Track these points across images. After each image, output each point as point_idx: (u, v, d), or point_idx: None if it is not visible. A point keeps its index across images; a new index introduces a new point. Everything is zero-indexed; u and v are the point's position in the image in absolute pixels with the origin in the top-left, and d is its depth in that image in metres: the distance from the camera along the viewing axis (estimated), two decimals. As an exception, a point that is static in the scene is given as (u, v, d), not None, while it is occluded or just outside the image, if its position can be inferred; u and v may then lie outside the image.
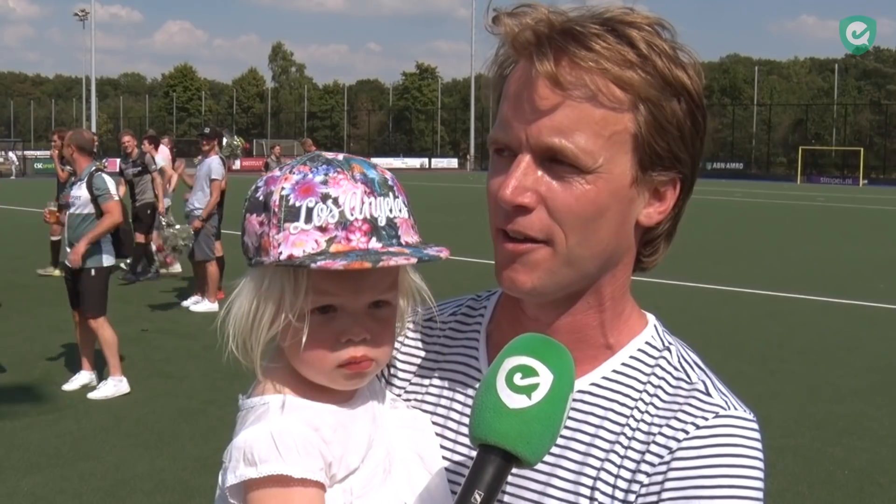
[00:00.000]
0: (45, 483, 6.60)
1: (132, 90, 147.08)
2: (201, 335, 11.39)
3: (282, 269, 1.24)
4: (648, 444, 1.26)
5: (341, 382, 1.30)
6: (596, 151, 1.22)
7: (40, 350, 10.68)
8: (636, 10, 1.27)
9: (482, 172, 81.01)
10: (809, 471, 6.95)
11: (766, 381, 9.36)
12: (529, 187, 1.23)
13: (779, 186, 62.44)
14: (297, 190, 1.24)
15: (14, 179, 54.66)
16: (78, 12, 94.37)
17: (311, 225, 1.22)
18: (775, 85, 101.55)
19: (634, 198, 1.28)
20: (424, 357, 1.48)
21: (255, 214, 1.26)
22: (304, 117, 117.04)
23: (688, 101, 1.26)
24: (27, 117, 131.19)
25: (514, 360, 1.18)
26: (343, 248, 1.21)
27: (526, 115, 1.23)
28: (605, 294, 1.34)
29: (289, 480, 1.21)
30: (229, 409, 7.33)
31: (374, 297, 1.28)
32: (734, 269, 18.33)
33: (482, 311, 1.51)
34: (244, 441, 1.24)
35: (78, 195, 9.10)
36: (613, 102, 1.21)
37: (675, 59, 1.25)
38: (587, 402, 1.33)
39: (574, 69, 1.21)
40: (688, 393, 1.30)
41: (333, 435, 1.26)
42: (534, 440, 1.14)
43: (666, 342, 1.38)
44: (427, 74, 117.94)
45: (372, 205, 1.24)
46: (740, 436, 1.25)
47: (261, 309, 1.27)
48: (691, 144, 1.29)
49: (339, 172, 1.25)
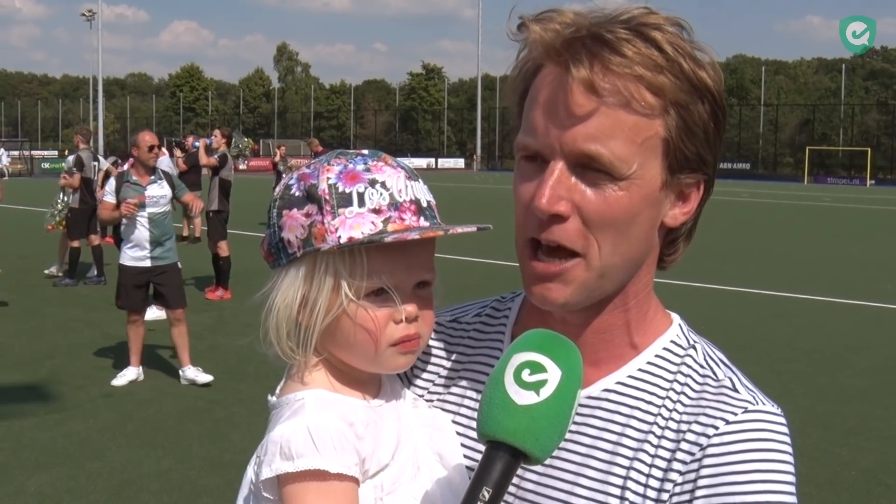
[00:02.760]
0: (52, 482, 6.62)
1: (139, 90, 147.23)
2: (208, 335, 11.41)
3: (336, 254, 1.27)
4: (678, 443, 1.26)
5: (392, 363, 1.33)
6: (630, 158, 1.21)
7: (48, 349, 10.71)
8: (654, 11, 1.26)
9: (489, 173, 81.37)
10: (816, 472, 6.94)
11: (773, 381, 9.34)
12: (564, 195, 1.22)
13: (785, 187, 62.33)
14: (343, 178, 1.28)
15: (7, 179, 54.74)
16: (85, 12, 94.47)
17: (365, 208, 1.26)
18: (782, 85, 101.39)
19: (662, 201, 1.28)
20: (448, 358, 1.48)
21: (297, 209, 1.29)
22: (310, 117, 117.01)
23: (710, 101, 1.25)
24: (34, 117, 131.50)
25: (523, 357, 1.17)
26: (399, 226, 1.27)
27: (560, 121, 1.22)
28: (630, 294, 1.34)
29: (325, 475, 1.22)
30: (236, 408, 7.36)
31: (422, 277, 1.32)
32: (741, 269, 18.30)
33: (507, 313, 1.50)
34: (280, 435, 1.25)
35: (162, 194, 9.46)
36: (646, 108, 1.20)
37: (697, 60, 1.24)
38: (613, 400, 1.32)
39: (607, 75, 1.19)
40: (715, 390, 1.29)
41: (366, 431, 1.28)
42: (542, 436, 1.14)
43: (691, 340, 1.38)
44: (433, 74, 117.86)
45: (414, 188, 1.31)
46: (770, 430, 1.24)
47: (315, 296, 1.30)
48: (715, 145, 1.29)
49: (377, 160, 1.31)
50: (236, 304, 13.67)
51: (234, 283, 15.01)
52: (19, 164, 66.36)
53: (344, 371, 1.35)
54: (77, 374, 9.57)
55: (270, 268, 1.36)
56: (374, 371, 1.36)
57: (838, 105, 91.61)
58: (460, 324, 1.52)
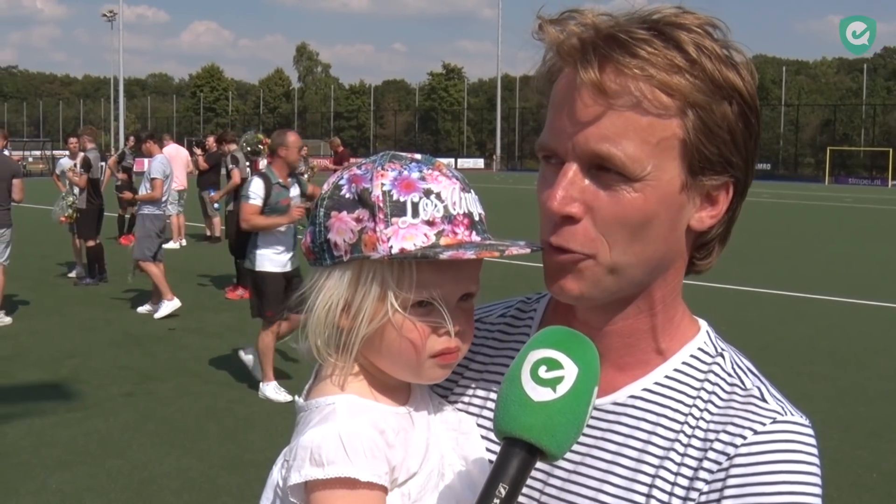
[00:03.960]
0: (73, 480, 6.65)
1: (159, 90, 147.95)
2: (228, 335, 11.44)
3: (384, 263, 1.25)
4: (706, 451, 1.25)
5: (430, 374, 1.32)
6: (644, 159, 1.20)
7: (68, 348, 10.77)
8: (686, 11, 1.24)
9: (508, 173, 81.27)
10: (837, 474, 6.90)
11: (793, 383, 9.29)
12: (577, 197, 1.22)
13: (806, 187, 62.03)
14: (397, 186, 1.26)
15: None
16: (106, 13, 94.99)
17: (419, 219, 1.25)
18: (803, 85, 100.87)
19: (684, 203, 1.26)
20: (472, 359, 1.47)
21: (347, 211, 1.27)
22: (330, 117, 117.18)
23: (739, 102, 1.24)
24: (56, 117, 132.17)
25: (539, 353, 1.17)
26: (451, 240, 1.25)
27: (572, 123, 1.22)
28: (657, 298, 1.33)
29: (355, 483, 1.20)
30: (255, 408, 7.38)
31: (468, 289, 1.31)
32: (761, 270, 18.21)
33: (532, 314, 1.50)
34: (311, 441, 1.23)
35: (297, 193, 9.10)
36: (659, 109, 1.19)
37: (726, 61, 1.23)
38: (639, 407, 1.32)
39: (619, 76, 1.19)
40: (743, 399, 1.28)
41: (396, 438, 1.26)
42: (559, 433, 1.14)
43: (718, 348, 1.37)
44: (453, 75, 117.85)
45: (467, 200, 1.29)
46: (799, 441, 1.23)
47: (359, 304, 1.28)
48: (744, 147, 1.27)
49: (432, 168, 1.29)
50: (256, 304, 13.66)
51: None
52: (41, 163, 66.77)
53: (376, 377, 1.34)
54: (98, 373, 9.61)
55: (310, 265, 1.35)
56: (410, 381, 1.35)
57: (860, 105, 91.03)
58: (484, 324, 1.51)
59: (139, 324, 12.31)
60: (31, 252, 18.31)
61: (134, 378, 9.45)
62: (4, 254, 12.10)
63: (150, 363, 10.11)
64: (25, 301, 13.70)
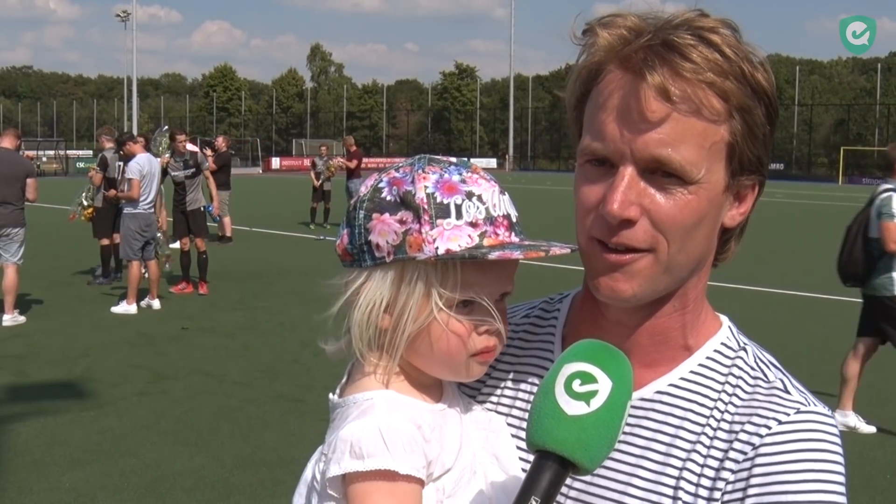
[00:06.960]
0: (86, 479, 6.68)
1: (173, 90, 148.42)
2: (240, 334, 11.47)
3: (428, 264, 1.27)
4: (731, 443, 1.26)
5: (469, 372, 1.34)
6: (700, 163, 1.22)
7: (82, 347, 10.81)
8: (705, 13, 1.26)
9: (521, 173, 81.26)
10: (851, 475, 6.79)
11: (808, 382, 9.18)
12: (634, 201, 1.23)
13: (820, 187, 61.83)
14: (440, 188, 1.28)
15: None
16: (120, 13, 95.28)
17: (463, 221, 1.27)
18: (816, 85, 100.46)
19: (724, 202, 1.29)
20: (499, 359, 1.47)
21: (390, 213, 1.28)
22: (342, 117, 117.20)
23: (766, 104, 1.26)
24: (70, 117, 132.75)
25: (573, 367, 1.17)
26: (494, 241, 1.28)
27: (632, 127, 1.22)
28: (691, 297, 1.35)
29: (394, 475, 1.22)
30: (268, 407, 7.39)
31: (506, 288, 1.34)
32: (775, 270, 18.17)
33: (556, 314, 1.51)
34: (351, 434, 1.25)
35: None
36: (714, 115, 1.21)
37: (753, 62, 1.24)
38: (666, 402, 1.33)
39: (677, 81, 1.20)
40: (767, 391, 1.30)
41: (432, 434, 1.28)
42: (592, 447, 1.14)
43: (741, 342, 1.39)
44: (466, 74, 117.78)
45: (505, 202, 1.33)
46: (823, 430, 1.26)
47: (404, 304, 1.30)
48: (769, 146, 1.30)
49: (470, 171, 1.32)
50: (270, 304, 13.75)
51: (266, 281, 15.08)
52: (55, 163, 67.09)
53: (412, 374, 1.35)
54: (111, 372, 9.64)
55: (345, 266, 1.35)
56: (449, 379, 1.38)
57: (874, 105, 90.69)
58: (510, 325, 1.51)
59: (152, 323, 12.34)
60: (45, 251, 18.38)
61: (147, 377, 9.48)
62: (18, 253, 12.14)
63: (163, 362, 10.14)
64: (39, 300, 13.76)
